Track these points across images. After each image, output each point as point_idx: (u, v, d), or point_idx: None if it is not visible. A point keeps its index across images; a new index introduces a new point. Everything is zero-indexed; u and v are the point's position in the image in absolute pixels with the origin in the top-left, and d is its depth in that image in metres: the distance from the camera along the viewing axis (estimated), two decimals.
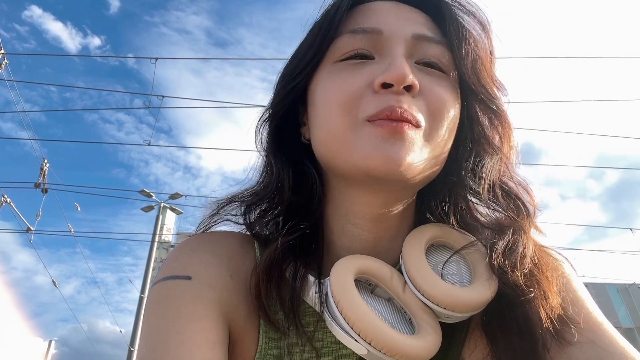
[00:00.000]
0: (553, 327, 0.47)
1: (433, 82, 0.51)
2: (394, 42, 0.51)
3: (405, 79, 0.48)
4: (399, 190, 0.52)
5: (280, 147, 0.60)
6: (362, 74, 0.51)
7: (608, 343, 0.46)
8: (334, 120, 0.51)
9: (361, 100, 0.50)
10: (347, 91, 0.50)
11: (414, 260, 0.51)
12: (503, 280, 0.49)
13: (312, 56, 0.55)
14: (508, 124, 0.56)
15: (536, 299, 0.48)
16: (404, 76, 0.47)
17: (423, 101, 0.50)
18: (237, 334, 0.52)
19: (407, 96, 0.49)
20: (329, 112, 0.52)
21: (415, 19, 0.54)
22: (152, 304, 0.49)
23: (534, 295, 0.48)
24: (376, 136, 0.47)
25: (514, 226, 0.52)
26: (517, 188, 0.55)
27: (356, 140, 0.49)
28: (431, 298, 0.48)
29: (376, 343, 0.44)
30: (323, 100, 0.53)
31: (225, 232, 0.61)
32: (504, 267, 0.49)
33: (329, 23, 0.54)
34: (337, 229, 0.57)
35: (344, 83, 0.51)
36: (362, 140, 0.48)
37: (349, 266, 0.50)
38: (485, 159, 0.55)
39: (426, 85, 0.50)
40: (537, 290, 0.48)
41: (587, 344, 0.46)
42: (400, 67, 0.48)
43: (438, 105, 0.51)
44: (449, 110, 0.51)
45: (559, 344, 0.47)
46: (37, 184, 9.69)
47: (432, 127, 0.50)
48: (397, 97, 0.48)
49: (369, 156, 0.47)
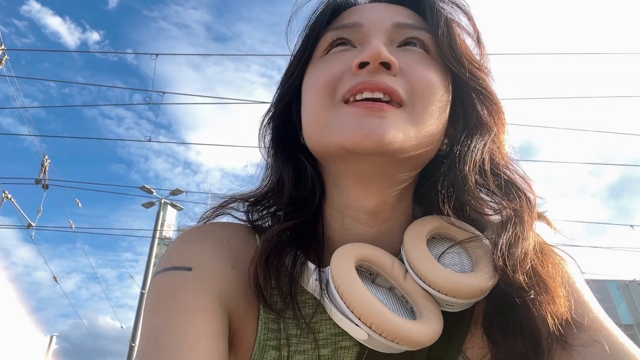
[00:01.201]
0: (556, 328, 0.46)
1: (416, 61, 0.53)
2: (375, 32, 0.54)
3: (379, 55, 0.49)
4: (387, 174, 0.52)
5: (282, 146, 0.61)
6: (342, 61, 0.53)
7: (612, 345, 0.45)
8: (315, 105, 0.53)
9: (339, 82, 0.52)
10: (326, 75, 0.53)
11: (415, 248, 0.51)
12: (506, 280, 0.48)
13: (301, 55, 0.58)
14: (496, 104, 0.56)
15: (543, 302, 0.47)
16: (378, 52, 0.49)
17: (406, 80, 0.51)
18: (236, 325, 0.52)
19: (386, 74, 0.50)
20: (310, 99, 0.55)
21: (395, 11, 0.57)
22: (153, 295, 0.49)
23: (541, 298, 0.47)
24: (354, 114, 0.49)
25: (514, 218, 0.51)
26: (514, 176, 0.55)
27: (335, 120, 0.50)
28: (432, 284, 0.48)
29: (376, 327, 0.44)
30: (308, 89, 0.56)
31: (226, 224, 0.61)
32: (507, 266, 0.48)
33: (314, 23, 0.58)
34: (336, 223, 0.58)
35: (325, 69, 0.54)
36: (340, 119, 0.50)
37: (350, 253, 0.50)
38: (475, 141, 0.54)
39: (408, 64, 0.52)
40: (545, 295, 0.47)
41: (590, 347, 0.45)
42: (375, 46, 0.50)
43: (421, 82, 0.51)
44: (433, 89, 0.52)
45: (561, 347, 0.46)
46: (38, 180, 9.70)
47: (416, 105, 0.50)
48: (374, 74, 0.49)
49: (347, 133, 0.48)
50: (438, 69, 0.54)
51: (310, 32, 0.58)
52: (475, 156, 0.53)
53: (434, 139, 0.53)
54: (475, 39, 0.58)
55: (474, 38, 0.58)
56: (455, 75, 0.54)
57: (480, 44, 0.58)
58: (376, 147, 0.47)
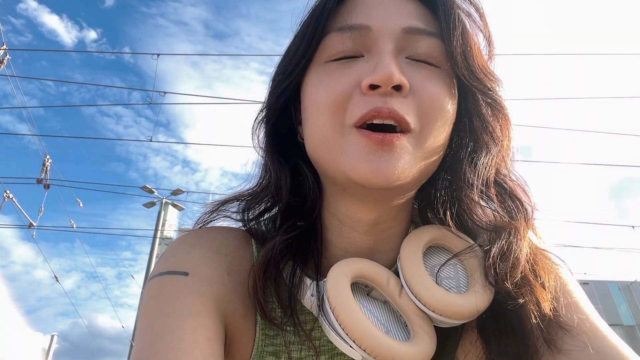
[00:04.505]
0: (544, 334, 0.46)
1: (425, 78, 0.50)
2: (383, 39, 0.50)
3: (392, 79, 0.46)
4: (391, 196, 0.52)
5: (277, 148, 0.59)
6: (349, 75, 0.50)
7: (602, 347, 0.45)
8: (323, 124, 0.50)
9: (349, 102, 0.49)
10: (335, 93, 0.49)
11: (411, 264, 0.51)
12: (497, 287, 0.48)
13: (301, 56, 0.53)
14: (505, 116, 0.54)
15: (529, 304, 0.47)
16: (391, 76, 0.46)
17: (414, 100, 0.48)
18: (233, 331, 0.51)
19: (397, 96, 0.47)
20: (317, 115, 0.51)
21: (405, 9, 0.52)
22: (150, 299, 0.49)
23: (527, 300, 0.47)
24: (363, 146, 0.47)
25: (510, 228, 0.51)
26: (515, 187, 0.54)
27: (344, 146, 0.48)
28: (427, 304, 0.48)
29: (371, 350, 0.45)
30: (313, 102, 0.52)
31: (223, 228, 0.60)
32: (499, 275, 0.48)
33: (317, 21, 0.52)
34: (334, 228, 0.57)
35: (332, 84, 0.50)
36: (349, 148, 0.48)
37: (346, 271, 0.50)
38: (482, 152, 0.54)
39: (417, 83, 0.49)
40: (530, 296, 0.47)
41: (579, 351, 0.45)
42: (387, 66, 0.47)
43: (430, 103, 0.49)
44: (442, 107, 0.50)
45: (550, 351, 0.46)
46: (40, 180, 9.71)
47: (423, 128, 0.49)
48: (385, 98, 0.47)
49: (357, 168, 0.47)
50: (447, 82, 0.51)
51: (314, 27, 0.52)
52: (483, 170, 0.53)
53: (439, 156, 0.52)
54: (487, 38, 0.55)
55: (485, 36, 0.55)
56: (462, 83, 0.53)
57: (490, 44, 0.55)
58: (386, 183, 0.46)
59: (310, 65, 0.54)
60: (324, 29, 0.52)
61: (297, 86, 0.56)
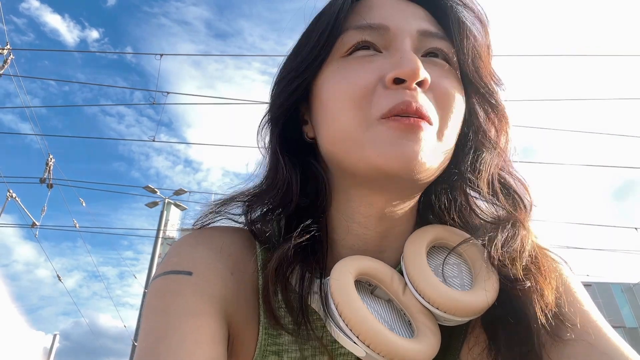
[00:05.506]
0: (548, 323, 0.46)
1: (441, 75, 0.51)
2: (402, 37, 0.51)
3: (417, 74, 0.47)
4: (407, 188, 0.52)
5: (285, 147, 0.59)
6: (372, 69, 0.50)
7: (601, 342, 0.45)
8: (345, 117, 0.50)
9: (373, 95, 0.49)
10: (358, 86, 0.49)
11: (415, 262, 0.51)
12: (502, 274, 0.49)
13: (317, 53, 0.53)
14: (506, 118, 0.56)
15: (532, 293, 0.47)
16: (417, 71, 0.47)
17: (432, 96, 0.50)
18: (236, 330, 0.51)
19: (420, 92, 0.48)
20: (339, 109, 0.50)
21: (418, 14, 0.54)
22: (153, 298, 0.49)
23: (531, 289, 0.48)
24: (392, 133, 0.47)
25: (512, 220, 0.52)
26: (515, 183, 0.56)
27: (370, 138, 0.48)
28: (431, 301, 0.48)
29: (375, 346, 0.44)
30: (332, 96, 0.51)
31: (226, 228, 0.60)
32: (504, 260, 0.49)
33: (335, 19, 0.52)
34: (341, 227, 0.57)
35: (355, 78, 0.50)
36: (376, 137, 0.47)
37: (349, 268, 0.50)
38: (484, 153, 0.55)
39: (434, 80, 0.50)
40: (534, 283, 0.48)
41: (581, 343, 0.45)
42: (413, 61, 0.47)
43: (447, 99, 0.50)
44: (456, 105, 0.51)
45: (553, 341, 0.46)
46: (43, 179, 9.75)
47: (442, 123, 0.50)
48: (411, 92, 0.48)
49: (384, 153, 0.47)
50: (458, 81, 0.53)
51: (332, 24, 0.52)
52: (484, 168, 0.54)
53: (452, 151, 0.53)
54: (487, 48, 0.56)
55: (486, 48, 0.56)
56: (469, 86, 0.54)
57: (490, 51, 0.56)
58: (409, 169, 0.46)
59: (326, 61, 0.54)
60: (341, 27, 0.53)
61: (308, 84, 0.56)
